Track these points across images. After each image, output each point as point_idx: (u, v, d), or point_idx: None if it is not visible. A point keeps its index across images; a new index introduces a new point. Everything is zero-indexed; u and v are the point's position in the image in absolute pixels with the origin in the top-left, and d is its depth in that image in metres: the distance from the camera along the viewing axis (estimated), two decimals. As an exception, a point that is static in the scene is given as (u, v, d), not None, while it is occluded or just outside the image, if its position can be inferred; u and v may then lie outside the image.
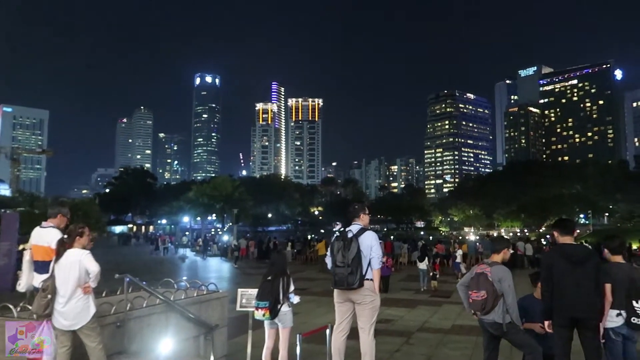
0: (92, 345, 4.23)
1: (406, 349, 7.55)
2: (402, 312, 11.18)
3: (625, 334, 4.45)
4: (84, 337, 4.25)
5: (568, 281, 4.40)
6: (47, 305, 4.16)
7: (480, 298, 4.59)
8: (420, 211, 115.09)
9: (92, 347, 4.23)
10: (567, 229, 4.67)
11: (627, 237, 37.71)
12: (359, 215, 5.24)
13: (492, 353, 4.81)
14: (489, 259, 4.94)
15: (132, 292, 5.26)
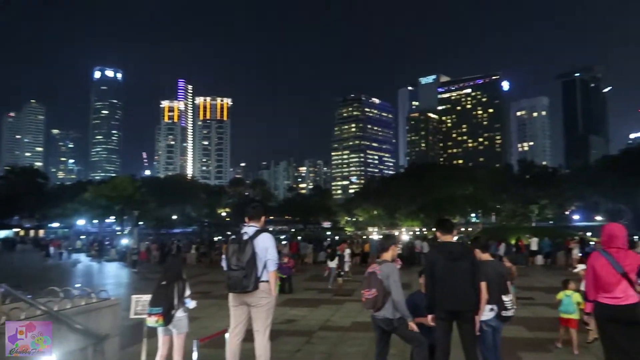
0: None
1: (307, 348, 7.69)
2: (305, 312, 11.35)
3: (495, 325, 4.93)
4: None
5: (447, 277, 4.71)
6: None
7: (371, 296, 4.83)
8: (327, 212, 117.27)
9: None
10: (447, 229, 5.01)
11: (510, 233, 41.43)
12: (258, 216, 5.24)
13: (384, 348, 5.08)
14: (380, 258, 5.20)
15: (11, 304, 4.83)
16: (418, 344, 4.83)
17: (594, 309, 4.53)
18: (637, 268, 4.32)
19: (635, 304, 4.23)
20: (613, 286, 4.31)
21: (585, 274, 4.81)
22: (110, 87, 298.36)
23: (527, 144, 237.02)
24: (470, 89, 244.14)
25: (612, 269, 4.33)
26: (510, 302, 5.00)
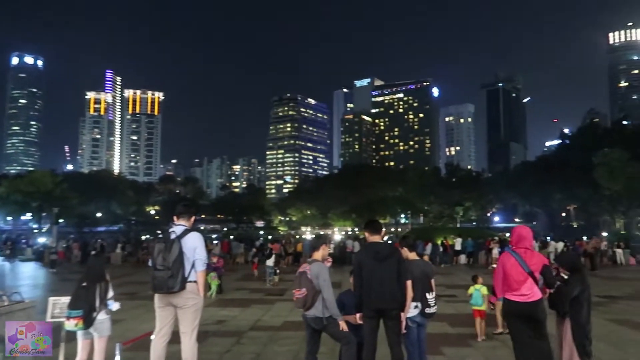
0: None
1: (236, 349, 7.60)
2: (236, 312, 11.22)
3: (419, 321, 5.15)
4: None
5: (375, 276, 4.85)
6: None
7: (302, 296, 4.88)
8: (260, 211, 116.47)
9: None
10: (375, 230, 5.15)
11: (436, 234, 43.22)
12: (188, 215, 5.13)
13: (314, 346, 5.14)
14: (310, 258, 5.26)
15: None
16: (347, 342, 4.93)
17: (503, 305, 4.95)
18: (541, 267, 4.77)
19: (538, 301, 4.65)
20: (521, 284, 4.72)
21: (494, 271, 5.16)
22: (29, 74, 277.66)
23: (454, 148, 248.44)
24: (403, 94, 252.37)
25: (520, 268, 4.75)
26: (433, 299, 5.23)
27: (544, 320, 4.79)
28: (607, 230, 57.70)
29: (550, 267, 4.89)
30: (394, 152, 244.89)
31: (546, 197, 68.74)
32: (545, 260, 4.92)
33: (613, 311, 11.22)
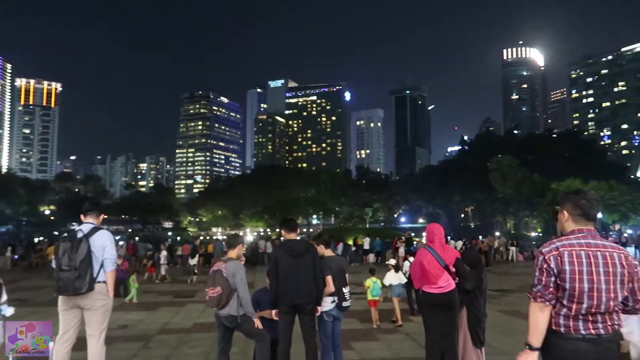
0: None
1: (144, 353, 7.29)
2: (142, 316, 10.74)
3: (335, 315, 5.34)
4: None
5: (291, 272, 4.96)
6: None
7: (216, 294, 4.85)
8: (169, 211, 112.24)
9: None
10: (291, 227, 5.26)
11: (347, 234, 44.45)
12: (96, 213, 4.88)
13: (226, 345, 5.13)
14: (225, 256, 5.24)
15: None
16: (261, 339, 4.98)
17: (420, 297, 5.36)
18: (454, 261, 5.25)
19: (453, 291, 5.11)
20: (438, 277, 5.14)
21: (411, 266, 5.52)
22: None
23: (365, 151, 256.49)
24: (316, 97, 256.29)
25: (437, 262, 5.17)
26: (348, 293, 5.45)
27: (456, 308, 5.24)
28: (500, 230, 62.93)
29: (462, 261, 5.34)
30: (307, 153, 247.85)
31: (447, 199, 73.44)
32: (457, 254, 5.39)
33: (504, 303, 12.27)
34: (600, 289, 2.47)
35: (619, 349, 2.44)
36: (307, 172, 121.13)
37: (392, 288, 9.79)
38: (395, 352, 7.24)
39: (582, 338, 2.47)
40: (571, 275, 2.51)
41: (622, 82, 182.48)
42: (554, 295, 2.57)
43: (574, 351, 2.47)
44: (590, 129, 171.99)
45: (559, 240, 2.63)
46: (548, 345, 2.56)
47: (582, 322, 2.50)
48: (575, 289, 2.49)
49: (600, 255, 2.53)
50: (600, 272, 2.49)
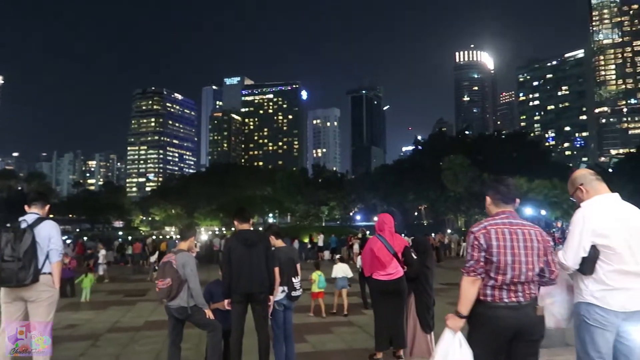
0: None
1: (92, 352, 7.09)
2: (91, 315, 10.43)
3: (286, 304, 5.41)
4: None
5: (244, 262, 4.99)
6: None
7: (165, 286, 4.82)
8: (119, 210, 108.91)
9: None
10: (244, 218, 5.27)
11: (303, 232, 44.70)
12: (42, 203, 4.72)
13: (177, 337, 5.10)
14: (176, 248, 5.20)
15: None
16: (212, 329, 4.99)
17: (371, 284, 5.55)
18: (403, 249, 5.51)
19: (401, 277, 5.32)
20: (387, 264, 5.35)
21: (362, 253, 5.74)
22: None
23: (321, 150, 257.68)
24: (273, 95, 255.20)
25: (386, 250, 5.39)
26: (298, 283, 5.51)
27: (404, 294, 5.44)
28: (451, 227, 64.80)
29: (410, 249, 5.62)
30: (263, 152, 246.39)
31: (401, 197, 74.93)
32: (405, 243, 5.65)
33: (453, 295, 12.65)
34: (520, 261, 2.81)
35: (534, 313, 2.81)
36: (263, 170, 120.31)
37: (336, 280, 10.18)
38: (348, 344, 7.38)
39: (505, 306, 2.79)
40: (497, 250, 2.83)
41: (566, 87, 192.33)
42: (484, 269, 2.87)
43: (497, 317, 2.80)
44: (537, 130, 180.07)
45: (486, 221, 2.97)
46: (475, 314, 2.88)
47: (505, 292, 2.81)
48: (501, 262, 2.82)
49: (520, 232, 2.87)
50: (520, 246, 2.83)
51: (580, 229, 2.94)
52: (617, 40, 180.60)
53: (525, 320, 2.80)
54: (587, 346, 2.89)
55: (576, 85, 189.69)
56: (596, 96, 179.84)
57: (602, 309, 2.86)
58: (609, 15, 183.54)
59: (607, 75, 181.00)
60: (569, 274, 3.10)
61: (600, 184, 3.13)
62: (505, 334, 2.80)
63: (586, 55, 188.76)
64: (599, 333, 2.86)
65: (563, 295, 3.15)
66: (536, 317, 2.83)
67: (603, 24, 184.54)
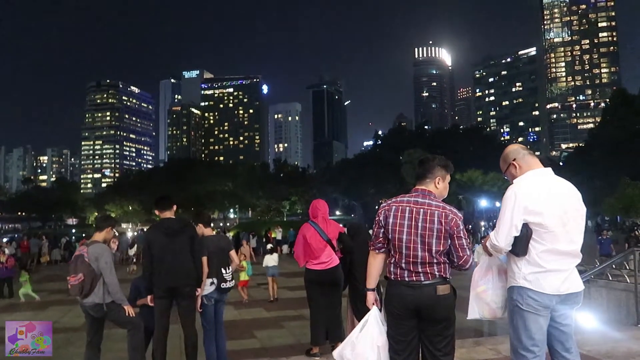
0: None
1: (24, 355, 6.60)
2: (29, 316, 9.86)
3: (217, 297, 5.01)
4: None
5: (166, 254, 4.58)
6: None
7: (77, 282, 4.40)
8: (72, 207, 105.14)
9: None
10: (165, 206, 4.84)
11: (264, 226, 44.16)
12: None
13: (95, 336, 4.69)
14: (90, 240, 4.80)
15: None
16: (132, 328, 4.59)
17: (305, 274, 5.23)
18: (337, 235, 5.17)
19: (336, 267, 5.04)
20: (320, 252, 5.03)
21: (295, 242, 5.41)
22: None
23: (283, 145, 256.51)
24: (233, 89, 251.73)
25: (319, 236, 5.06)
26: (229, 274, 5.13)
27: (340, 285, 5.16)
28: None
29: (345, 234, 5.31)
30: (224, 146, 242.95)
31: (362, 191, 75.49)
32: (341, 229, 5.33)
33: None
34: (416, 241, 2.75)
35: (435, 292, 2.74)
36: (224, 165, 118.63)
37: (267, 269, 11.04)
38: (297, 338, 7.20)
39: (406, 284, 2.77)
40: (393, 227, 2.82)
41: (519, 83, 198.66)
42: (383, 245, 2.92)
43: (399, 295, 2.79)
44: (492, 125, 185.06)
45: (395, 197, 2.96)
46: (385, 290, 2.92)
47: (406, 271, 2.79)
48: (396, 239, 2.80)
49: (422, 212, 2.80)
50: (419, 226, 2.77)
51: (512, 207, 2.68)
52: (566, 38, 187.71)
53: (424, 298, 2.73)
54: (520, 333, 2.69)
55: (529, 82, 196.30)
56: (548, 92, 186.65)
57: (535, 292, 2.65)
58: (559, 14, 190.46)
59: (558, 73, 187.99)
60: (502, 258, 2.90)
61: (532, 158, 2.87)
62: (406, 311, 2.77)
63: (538, 53, 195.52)
64: (533, 319, 2.66)
65: (496, 282, 2.94)
66: (436, 297, 2.74)
67: (554, 22, 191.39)
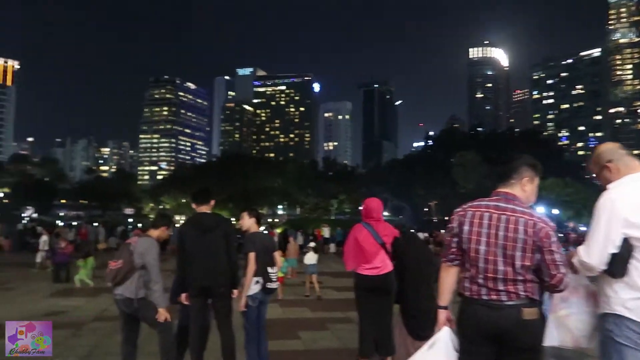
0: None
1: (71, 342, 6.72)
2: (81, 302, 10.13)
3: (261, 298, 4.77)
4: None
5: (198, 250, 4.38)
6: None
7: (115, 267, 4.27)
8: (130, 197, 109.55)
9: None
10: (202, 200, 4.67)
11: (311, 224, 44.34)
12: None
13: (131, 332, 4.51)
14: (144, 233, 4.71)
15: None
16: (162, 329, 4.37)
17: (354, 280, 4.76)
18: (392, 239, 4.65)
19: (389, 273, 4.57)
20: (373, 256, 4.54)
21: (345, 244, 4.95)
22: None
23: (332, 143, 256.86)
24: (285, 86, 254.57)
25: (373, 239, 4.57)
26: (275, 274, 4.91)
27: (392, 292, 4.65)
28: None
29: (401, 238, 4.78)
30: (274, 143, 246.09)
31: (411, 192, 74.28)
32: (396, 232, 4.80)
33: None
34: (496, 253, 2.35)
35: (520, 316, 2.31)
36: (273, 162, 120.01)
37: (308, 267, 11.20)
38: (342, 342, 6.91)
39: (484, 303, 2.37)
40: (468, 236, 2.44)
41: (580, 86, 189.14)
42: (457, 256, 2.54)
43: (474, 315, 2.40)
44: (550, 129, 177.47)
45: (472, 202, 2.56)
46: (460, 309, 2.54)
47: (484, 288, 2.39)
48: (471, 250, 2.43)
49: (505, 219, 2.37)
50: (500, 235, 2.35)
51: (608, 218, 2.22)
52: (634, 39, 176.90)
53: (506, 322, 2.30)
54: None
55: (591, 85, 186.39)
56: (611, 96, 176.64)
57: (636, 323, 2.19)
58: (627, 14, 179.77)
59: (623, 75, 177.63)
60: (590, 277, 2.46)
61: (632, 160, 2.41)
62: (482, 334, 2.37)
63: (602, 54, 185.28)
64: (631, 354, 2.19)
65: (582, 306, 2.50)
66: (522, 321, 2.31)
67: (620, 22, 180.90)
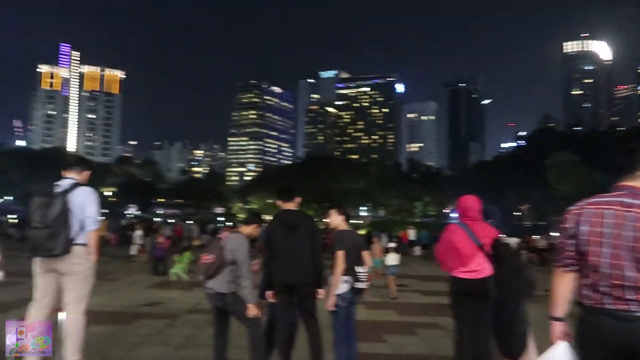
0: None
1: (167, 332, 7.06)
2: (176, 295, 10.68)
3: (350, 298, 4.66)
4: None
5: (284, 247, 4.38)
6: None
7: (207, 261, 4.35)
8: (220, 197, 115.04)
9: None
10: (287, 196, 4.65)
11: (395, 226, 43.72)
12: (79, 168, 4.39)
13: (222, 326, 4.59)
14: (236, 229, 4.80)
15: None
16: (252, 325, 4.40)
17: (450, 284, 4.42)
18: (492, 241, 4.23)
19: (488, 277, 4.16)
20: (470, 258, 4.18)
21: (438, 246, 4.57)
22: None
23: (416, 145, 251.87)
24: (368, 88, 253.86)
25: (470, 240, 4.20)
26: (364, 273, 4.79)
27: (491, 298, 4.20)
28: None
29: (501, 241, 4.34)
30: (358, 145, 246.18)
31: (500, 195, 70.65)
32: (495, 234, 4.35)
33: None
34: (622, 256, 2.02)
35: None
36: (357, 163, 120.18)
37: (389, 268, 11.12)
38: (432, 349, 6.63)
39: (608, 313, 2.04)
40: (588, 237, 2.11)
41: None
42: (574, 261, 2.22)
43: (596, 327, 2.08)
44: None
45: (591, 198, 2.24)
46: (579, 319, 2.22)
47: (607, 296, 2.06)
48: (591, 254, 2.10)
49: (632, 217, 2.02)
50: (626, 236, 2.01)
51: None
52: None
53: (635, 336, 1.96)
54: None
55: None
56: None
57: None
58: None
59: None
60: None
61: None
62: (606, 348, 2.02)
63: None
64: None
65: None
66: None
67: None
